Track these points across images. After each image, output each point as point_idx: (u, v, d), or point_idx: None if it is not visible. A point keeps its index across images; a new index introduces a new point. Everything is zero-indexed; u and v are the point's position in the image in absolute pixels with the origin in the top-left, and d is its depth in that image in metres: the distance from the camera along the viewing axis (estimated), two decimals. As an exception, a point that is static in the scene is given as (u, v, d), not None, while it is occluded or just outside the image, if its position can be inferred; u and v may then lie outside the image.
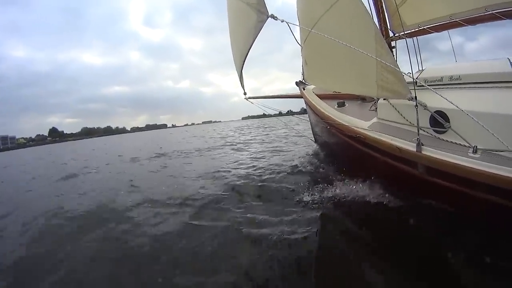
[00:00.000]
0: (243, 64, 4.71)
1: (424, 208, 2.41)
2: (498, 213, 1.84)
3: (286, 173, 4.97)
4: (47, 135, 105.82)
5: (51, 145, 67.95)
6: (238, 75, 5.27)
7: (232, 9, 4.31)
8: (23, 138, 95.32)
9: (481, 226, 2.06)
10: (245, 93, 5.74)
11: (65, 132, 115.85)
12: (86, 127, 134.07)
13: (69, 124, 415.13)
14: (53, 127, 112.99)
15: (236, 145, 11.85)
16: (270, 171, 5.40)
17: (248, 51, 4.16)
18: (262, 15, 3.21)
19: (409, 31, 4.04)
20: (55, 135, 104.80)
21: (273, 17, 2.96)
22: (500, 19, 3.19)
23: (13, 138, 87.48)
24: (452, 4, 3.63)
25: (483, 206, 1.89)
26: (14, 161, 20.28)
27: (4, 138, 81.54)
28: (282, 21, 2.85)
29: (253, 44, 3.86)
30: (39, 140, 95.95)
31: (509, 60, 2.10)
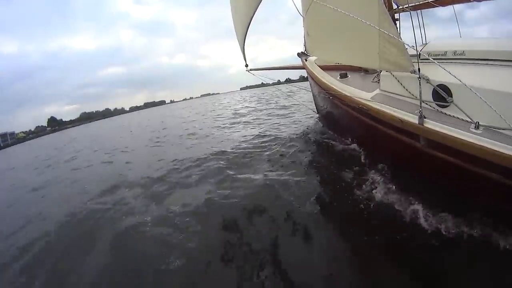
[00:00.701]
0: (245, 36, 4.62)
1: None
2: (496, 191, 1.85)
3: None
4: (46, 126, 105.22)
5: (51, 134, 67.81)
6: (241, 48, 5.19)
7: None
8: (22, 132, 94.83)
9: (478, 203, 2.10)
10: (246, 65, 5.75)
11: (64, 120, 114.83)
12: (85, 112, 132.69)
13: (67, 111, 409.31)
14: (51, 117, 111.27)
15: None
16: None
17: (250, 22, 4.06)
18: None
19: (413, 4, 3.87)
20: (55, 124, 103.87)
21: None
22: None
23: (12, 134, 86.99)
24: None
25: (482, 183, 1.92)
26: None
27: (4, 135, 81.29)
28: None
29: (261, 19, 3.81)
30: (39, 132, 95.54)
31: None
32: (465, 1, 3.57)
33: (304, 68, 5.60)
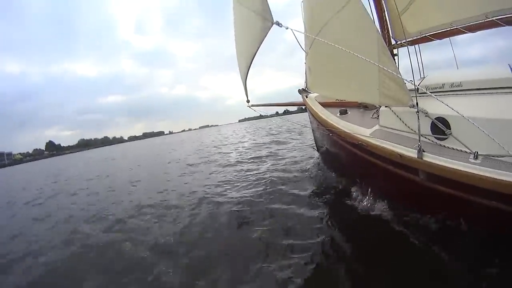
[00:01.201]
0: (248, 72, 4.75)
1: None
2: (499, 219, 1.84)
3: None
4: (44, 149, 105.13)
5: (49, 159, 67.23)
6: (243, 82, 5.32)
7: (238, 17, 4.33)
8: (19, 153, 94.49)
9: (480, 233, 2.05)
10: (248, 101, 5.71)
11: (62, 145, 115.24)
12: (83, 139, 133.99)
13: (66, 136, 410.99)
14: (50, 141, 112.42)
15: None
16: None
17: (253, 59, 4.18)
18: (267, 22, 3.18)
19: (411, 39, 4.03)
20: (52, 149, 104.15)
21: (278, 24, 2.95)
22: (500, 25, 3.17)
23: (9, 154, 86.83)
24: (452, 11, 3.63)
25: (484, 212, 1.89)
26: None
27: (1, 155, 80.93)
28: (287, 28, 2.83)
29: (258, 52, 3.84)
30: (37, 155, 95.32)
31: (509, 66, 2.11)
32: (459, 33, 3.69)
33: (304, 105, 5.69)
